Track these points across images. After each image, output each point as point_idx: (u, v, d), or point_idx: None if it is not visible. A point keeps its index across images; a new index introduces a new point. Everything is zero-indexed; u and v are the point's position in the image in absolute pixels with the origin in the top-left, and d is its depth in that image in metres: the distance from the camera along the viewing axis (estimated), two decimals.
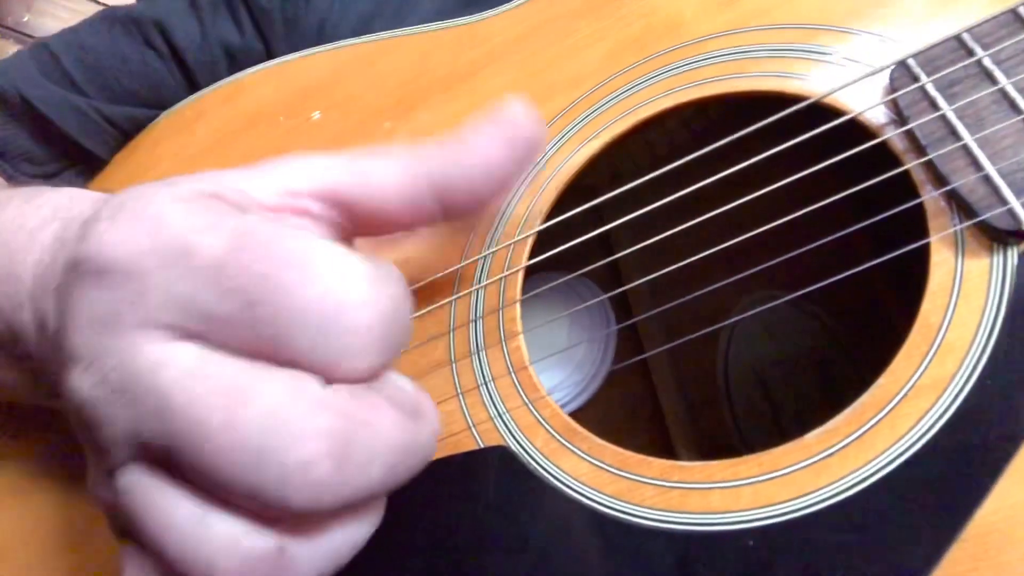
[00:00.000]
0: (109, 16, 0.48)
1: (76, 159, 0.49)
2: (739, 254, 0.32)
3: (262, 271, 0.21)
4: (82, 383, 0.22)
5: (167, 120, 0.50)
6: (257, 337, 0.21)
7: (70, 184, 0.47)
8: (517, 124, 0.28)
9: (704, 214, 0.31)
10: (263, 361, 0.22)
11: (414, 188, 0.27)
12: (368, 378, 0.23)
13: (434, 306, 0.35)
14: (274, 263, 0.22)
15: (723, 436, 0.45)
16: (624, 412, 0.47)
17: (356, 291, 0.22)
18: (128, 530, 0.23)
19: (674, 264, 0.32)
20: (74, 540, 0.40)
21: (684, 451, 0.44)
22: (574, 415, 0.46)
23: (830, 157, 0.30)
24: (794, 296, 0.33)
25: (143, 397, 0.21)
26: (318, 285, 0.22)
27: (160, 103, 0.49)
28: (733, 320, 0.45)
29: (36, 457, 0.42)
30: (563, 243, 0.34)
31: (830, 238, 0.31)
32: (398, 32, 0.44)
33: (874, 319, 0.44)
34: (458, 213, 0.28)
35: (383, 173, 0.26)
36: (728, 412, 0.44)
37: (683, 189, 0.32)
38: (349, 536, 0.24)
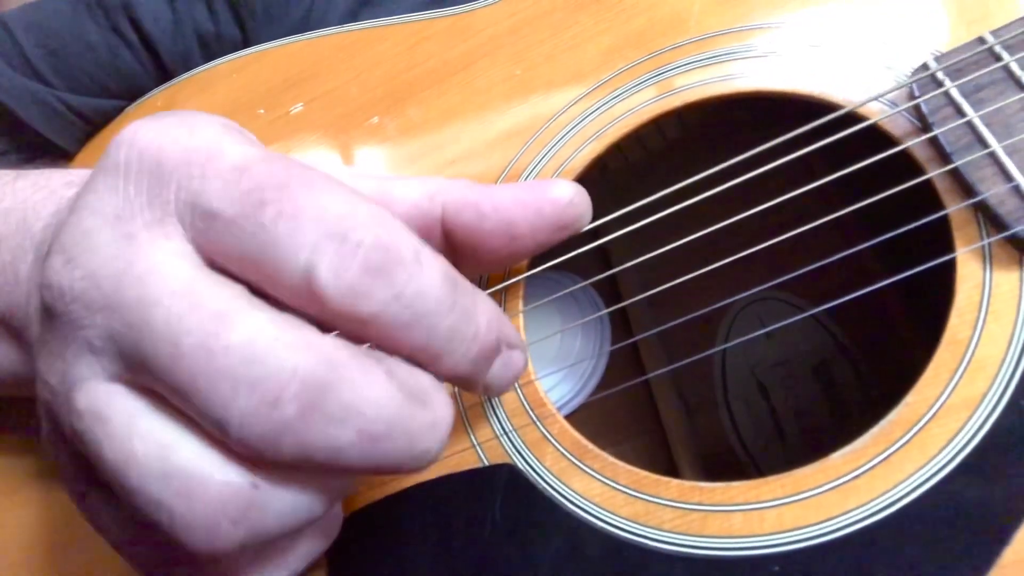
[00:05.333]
0: None
1: (42, 152, 0.46)
2: (737, 252, 0.31)
3: (280, 181, 0.21)
4: (60, 272, 0.21)
5: (137, 111, 0.47)
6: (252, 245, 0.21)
7: None
8: (554, 203, 0.28)
9: (703, 215, 0.30)
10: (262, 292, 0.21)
11: (429, 208, 0.27)
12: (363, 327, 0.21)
13: None
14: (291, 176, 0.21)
15: (721, 439, 0.44)
16: (621, 416, 0.45)
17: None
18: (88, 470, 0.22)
19: (662, 248, 0.31)
20: (71, 538, 0.38)
21: (682, 455, 0.43)
22: (571, 417, 0.45)
23: (842, 165, 0.29)
24: (794, 298, 0.32)
25: (125, 304, 0.20)
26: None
27: (130, 94, 0.46)
28: (731, 320, 0.44)
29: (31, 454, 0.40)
30: (561, 249, 0.32)
31: (841, 255, 0.30)
32: (385, 21, 0.42)
33: (874, 318, 0.43)
34: (463, 255, 0.28)
35: (404, 189, 0.27)
36: (727, 415, 0.44)
37: (685, 195, 0.31)
38: (309, 505, 0.22)
